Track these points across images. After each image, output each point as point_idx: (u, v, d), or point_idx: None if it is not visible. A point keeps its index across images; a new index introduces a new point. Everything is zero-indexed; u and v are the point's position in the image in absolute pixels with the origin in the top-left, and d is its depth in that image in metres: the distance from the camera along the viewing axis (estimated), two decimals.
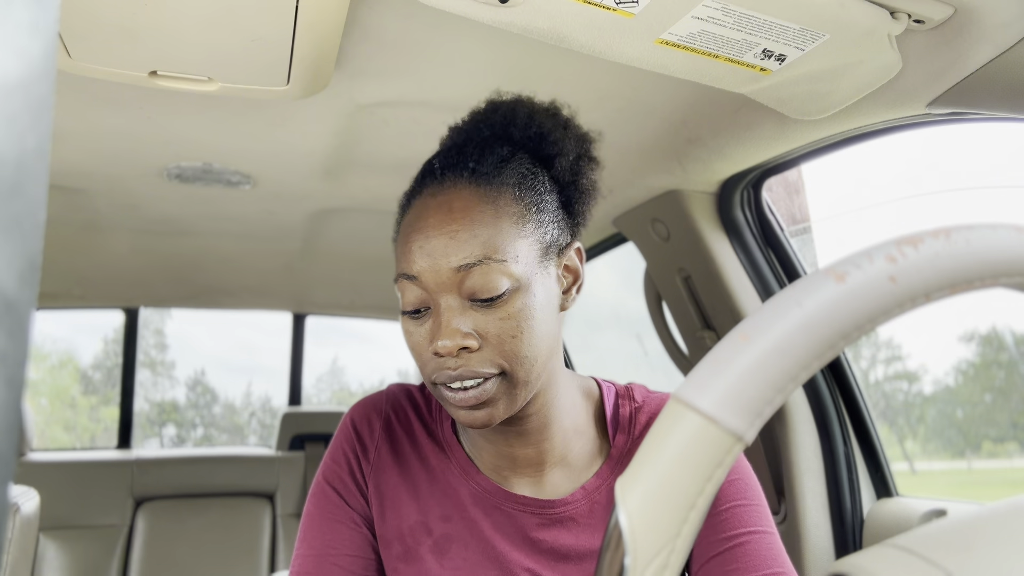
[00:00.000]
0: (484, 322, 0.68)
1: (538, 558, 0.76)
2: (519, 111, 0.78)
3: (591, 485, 0.78)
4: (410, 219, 0.73)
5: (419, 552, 0.77)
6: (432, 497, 0.79)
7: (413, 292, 0.70)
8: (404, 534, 0.78)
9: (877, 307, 0.32)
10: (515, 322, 0.68)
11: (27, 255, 0.20)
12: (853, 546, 1.34)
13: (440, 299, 0.69)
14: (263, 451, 2.67)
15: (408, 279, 0.70)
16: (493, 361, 0.68)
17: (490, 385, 0.68)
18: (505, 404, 0.70)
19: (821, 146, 1.19)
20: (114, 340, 12.62)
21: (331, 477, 0.81)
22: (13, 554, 1.64)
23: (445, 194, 0.71)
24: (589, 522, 0.77)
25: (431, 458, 0.81)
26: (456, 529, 0.77)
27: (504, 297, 0.68)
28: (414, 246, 0.70)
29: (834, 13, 0.77)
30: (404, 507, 0.79)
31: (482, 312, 0.68)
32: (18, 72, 0.20)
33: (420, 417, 0.84)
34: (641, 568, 0.31)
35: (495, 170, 0.72)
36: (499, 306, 0.68)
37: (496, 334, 0.68)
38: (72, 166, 1.44)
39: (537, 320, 0.69)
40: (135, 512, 2.39)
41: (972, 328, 9.56)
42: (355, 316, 2.96)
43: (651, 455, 0.32)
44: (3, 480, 0.20)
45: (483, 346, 0.68)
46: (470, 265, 0.67)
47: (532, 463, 0.78)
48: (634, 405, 0.82)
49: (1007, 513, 0.30)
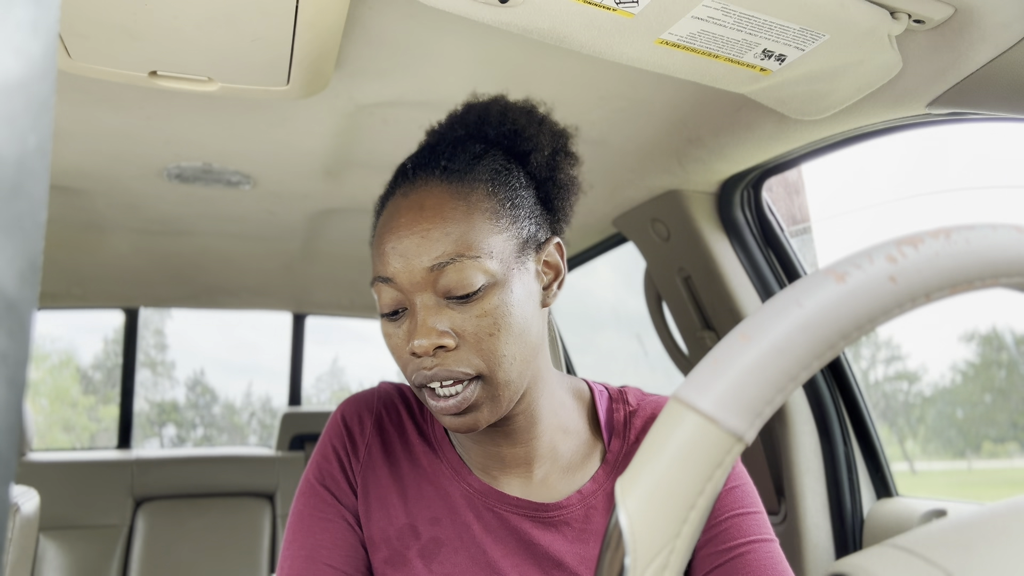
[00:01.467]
0: (461, 320, 0.67)
1: (531, 564, 0.74)
2: (492, 109, 0.78)
3: (587, 489, 0.76)
4: (383, 221, 0.72)
5: (407, 556, 0.75)
6: (421, 499, 0.77)
7: (389, 294, 0.69)
8: (391, 537, 0.76)
9: (877, 307, 0.32)
10: (492, 319, 0.67)
11: (28, 255, 0.20)
12: (853, 546, 1.34)
13: (415, 299, 0.68)
14: (263, 451, 2.67)
15: (383, 281, 0.69)
16: (470, 361, 0.67)
17: (470, 391, 0.67)
18: (489, 408, 0.69)
19: (821, 146, 1.19)
20: (114, 340, 12.63)
21: (321, 475, 0.79)
22: (13, 554, 1.64)
23: (416, 193, 0.70)
24: (585, 527, 0.75)
25: (421, 458, 0.79)
26: (445, 533, 0.75)
27: (480, 294, 0.67)
28: (387, 247, 0.69)
29: (834, 13, 0.77)
30: (392, 509, 0.77)
31: (458, 310, 0.67)
32: (19, 72, 0.20)
33: (411, 416, 0.82)
34: (641, 568, 0.31)
35: (467, 167, 0.72)
36: (475, 303, 0.67)
37: (473, 332, 0.67)
38: (72, 166, 1.44)
39: (515, 317, 0.68)
40: (135, 512, 2.39)
41: (972, 328, 9.56)
42: (355, 316, 2.96)
43: (651, 455, 0.32)
44: (4, 480, 0.20)
45: (460, 345, 0.67)
46: (443, 264, 0.66)
47: (521, 462, 0.77)
48: (628, 409, 0.81)
49: (1007, 513, 0.30)
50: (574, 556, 0.74)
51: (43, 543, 2.23)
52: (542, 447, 0.77)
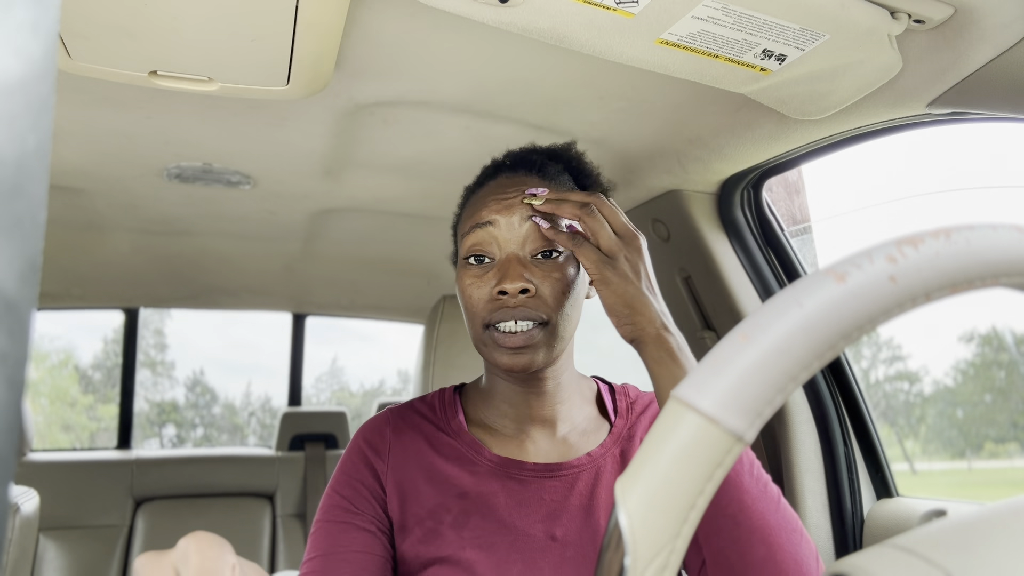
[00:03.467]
0: (540, 276, 0.81)
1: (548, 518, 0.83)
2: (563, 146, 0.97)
3: (596, 452, 0.88)
4: (484, 192, 0.87)
5: (439, 530, 0.83)
6: (448, 479, 0.86)
7: (483, 239, 0.83)
8: (424, 518, 0.84)
9: (877, 307, 0.32)
10: (564, 282, 0.82)
11: (28, 255, 0.20)
12: (853, 546, 1.33)
13: (508, 249, 0.83)
14: (263, 451, 2.67)
15: (482, 227, 0.83)
16: (543, 309, 0.81)
17: (536, 332, 0.80)
18: (544, 353, 0.81)
19: (821, 146, 1.19)
20: (114, 340, 12.63)
21: (341, 487, 0.86)
22: (13, 554, 1.64)
23: (518, 177, 0.87)
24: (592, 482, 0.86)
25: (444, 447, 0.89)
26: (473, 504, 0.84)
27: (559, 258, 0.83)
28: (491, 200, 0.84)
29: (834, 13, 0.77)
30: (422, 495, 0.85)
31: (539, 267, 0.82)
32: (18, 72, 0.20)
33: (426, 418, 0.92)
34: (641, 568, 0.31)
35: (555, 174, 0.90)
36: (553, 265, 0.82)
37: (549, 286, 0.81)
38: (72, 166, 1.44)
39: (576, 287, 0.84)
40: (135, 512, 2.39)
41: (972, 328, 9.57)
42: (355, 316, 2.96)
43: (651, 455, 0.32)
44: (4, 480, 0.20)
45: (538, 294, 0.81)
46: (539, 216, 0.82)
47: (548, 421, 0.89)
48: (628, 400, 0.95)
49: (1007, 513, 0.30)
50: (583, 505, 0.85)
51: (43, 543, 2.22)
52: (564, 411, 0.90)
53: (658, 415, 0.38)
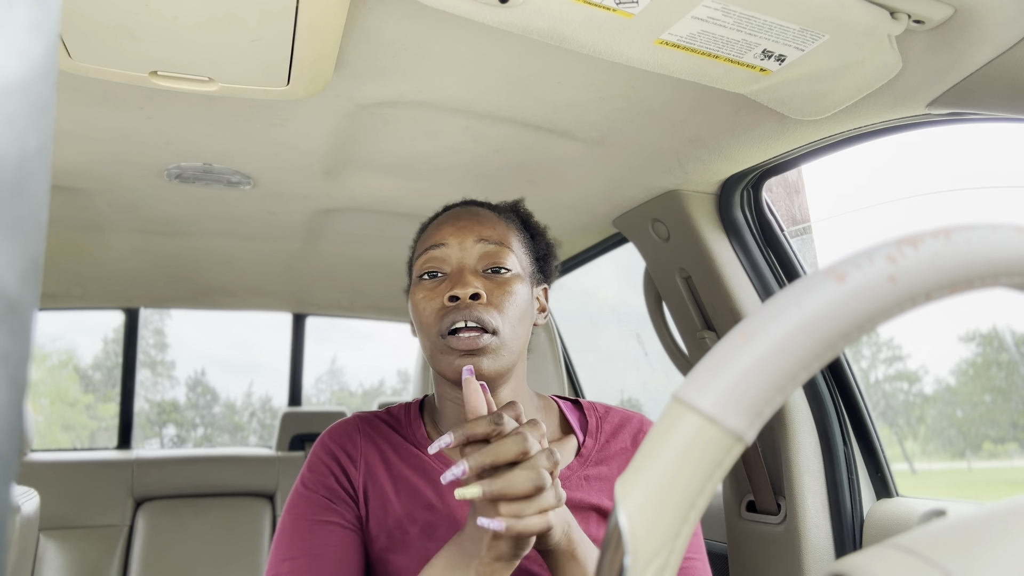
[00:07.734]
0: (490, 287, 0.86)
1: None
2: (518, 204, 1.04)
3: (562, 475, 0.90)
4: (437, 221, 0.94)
5: (407, 540, 0.85)
6: (415, 491, 0.88)
7: (435, 257, 0.88)
8: (390, 528, 0.85)
9: (877, 307, 0.32)
10: (511, 296, 0.87)
11: (29, 256, 0.20)
12: (853, 546, 1.33)
13: (461, 262, 0.88)
14: (263, 451, 2.67)
15: (435, 247, 0.89)
16: (493, 316, 0.84)
17: (486, 338, 0.83)
18: (491, 360, 0.84)
19: (821, 146, 1.19)
20: (114, 340, 12.63)
21: (317, 485, 0.87)
22: (14, 554, 1.64)
23: (471, 209, 0.94)
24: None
25: (410, 458, 0.91)
26: (439, 516, 0.86)
27: (507, 274, 0.88)
28: (445, 225, 0.90)
29: (834, 13, 0.77)
30: (388, 504, 0.87)
31: (490, 280, 0.87)
32: (19, 73, 0.20)
33: (392, 427, 0.94)
34: (641, 568, 0.31)
35: (504, 209, 0.98)
36: (503, 280, 0.87)
37: (499, 296, 0.86)
38: (72, 166, 1.44)
39: (522, 305, 0.88)
40: (135, 512, 2.39)
41: (972, 328, 9.57)
42: (355, 316, 2.96)
43: (651, 455, 0.32)
44: (4, 480, 0.20)
45: (488, 301, 0.85)
46: (489, 241, 0.89)
47: None
48: (598, 415, 0.98)
49: (1007, 513, 0.30)
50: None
51: (43, 543, 2.22)
52: None
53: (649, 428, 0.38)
